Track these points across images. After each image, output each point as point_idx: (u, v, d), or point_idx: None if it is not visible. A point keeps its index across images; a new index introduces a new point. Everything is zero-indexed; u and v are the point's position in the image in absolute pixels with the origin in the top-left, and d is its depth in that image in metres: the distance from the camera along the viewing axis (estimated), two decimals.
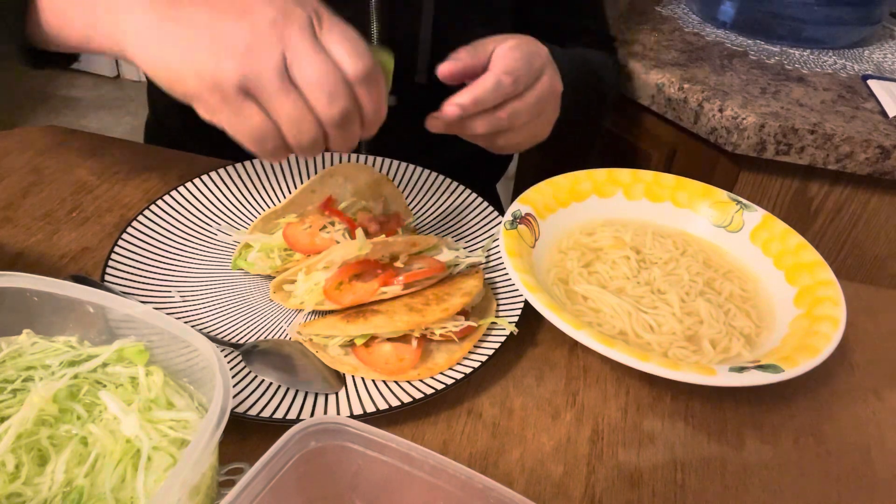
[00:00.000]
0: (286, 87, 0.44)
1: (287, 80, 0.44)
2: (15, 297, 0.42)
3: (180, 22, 0.44)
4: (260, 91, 0.44)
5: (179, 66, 0.44)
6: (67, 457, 0.39)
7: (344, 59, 0.45)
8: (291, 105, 0.45)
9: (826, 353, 0.53)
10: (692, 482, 0.50)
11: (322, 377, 0.52)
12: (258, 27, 0.43)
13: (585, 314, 0.60)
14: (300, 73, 0.44)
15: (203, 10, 0.44)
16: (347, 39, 0.45)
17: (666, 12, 1.29)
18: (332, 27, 0.45)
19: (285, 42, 0.43)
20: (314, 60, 0.44)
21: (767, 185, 1.00)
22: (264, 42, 0.43)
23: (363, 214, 0.64)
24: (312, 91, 0.44)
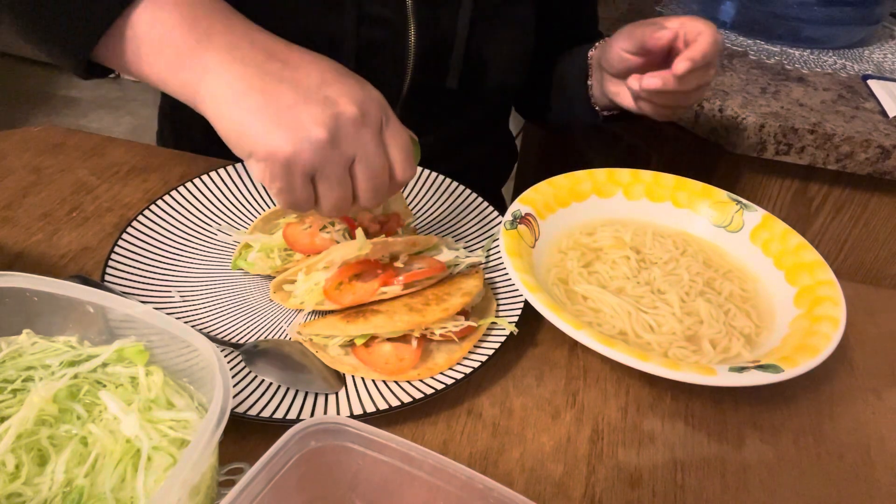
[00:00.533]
0: (346, 181, 0.48)
1: (348, 174, 0.48)
2: (15, 297, 0.42)
3: (267, 95, 0.45)
4: (323, 181, 0.47)
5: (256, 137, 0.45)
6: (67, 457, 0.39)
7: (397, 163, 0.50)
8: (343, 194, 0.49)
9: (826, 353, 0.53)
10: (692, 482, 0.50)
11: (322, 377, 0.52)
12: (342, 123, 0.46)
13: (585, 314, 0.60)
14: (361, 171, 0.48)
15: (289, 90, 0.46)
16: (404, 146, 0.50)
17: (666, 12, 1.29)
18: (395, 132, 0.49)
19: (360, 141, 0.47)
20: (376, 163, 0.48)
21: (767, 185, 1.00)
22: (344, 139, 0.46)
23: (363, 214, 0.64)
24: (365, 185, 0.49)
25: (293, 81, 0.46)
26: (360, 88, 0.47)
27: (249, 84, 0.46)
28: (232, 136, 0.46)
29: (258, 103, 0.45)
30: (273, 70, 0.46)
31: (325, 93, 0.46)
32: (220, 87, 0.46)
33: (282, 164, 0.45)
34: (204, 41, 0.47)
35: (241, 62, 0.46)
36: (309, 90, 0.46)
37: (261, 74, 0.46)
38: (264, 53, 0.47)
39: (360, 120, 0.46)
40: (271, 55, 0.47)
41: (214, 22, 0.48)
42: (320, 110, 0.45)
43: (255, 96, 0.45)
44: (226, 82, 0.46)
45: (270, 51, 0.48)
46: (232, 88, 0.46)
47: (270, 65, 0.46)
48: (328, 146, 0.45)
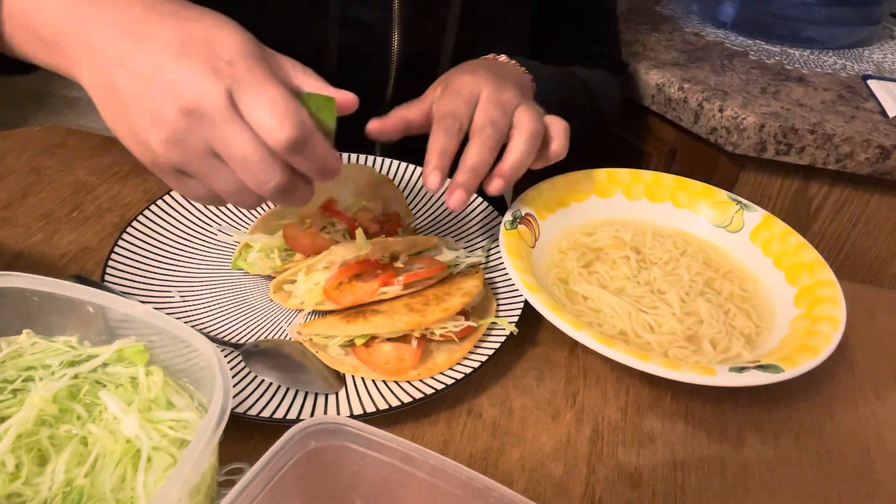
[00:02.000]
0: (216, 168, 0.44)
1: (216, 161, 0.43)
2: (15, 297, 0.42)
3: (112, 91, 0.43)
4: (194, 173, 0.44)
5: (121, 140, 0.45)
6: (67, 457, 0.39)
7: (266, 130, 0.42)
8: (225, 182, 0.44)
9: (826, 353, 0.53)
10: (692, 482, 0.50)
11: (322, 377, 0.52)
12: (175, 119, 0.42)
13: (585, 314, 0.60)
14: (225, 155, 0.43)
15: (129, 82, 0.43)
16: (268, 106, 0.41)
17: (666, 12, 1.29)
18: (252, 93, 0.42)
19: (205, 129, 0.42)
20: (236, 142, 0.42)
21: (767, 185, 1.00)
22: (185, 134, 0.42)
23: (363, 214, 0.64)
24: (241, 172, 0.43)
25: (133, 72, 0.43)
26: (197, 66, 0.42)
27: (104, 80, 0.44)
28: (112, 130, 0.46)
29: (113, 108, 0.44)
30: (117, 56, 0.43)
31: (158, 83, 0.42)
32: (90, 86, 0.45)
33: (150, 166, 0.45)
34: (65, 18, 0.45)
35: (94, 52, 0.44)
36: (148, 79, 0.42)
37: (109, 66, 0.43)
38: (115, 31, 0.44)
39: (194, 110, 0.41)
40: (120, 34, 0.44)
41: None
42: (153, 108, 0.42)
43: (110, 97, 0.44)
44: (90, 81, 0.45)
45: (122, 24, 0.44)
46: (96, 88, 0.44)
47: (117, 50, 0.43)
48: (173, 146, 0.42)
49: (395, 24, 0.72)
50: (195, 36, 0.43)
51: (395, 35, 0.73)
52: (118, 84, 0.43)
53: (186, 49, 0.42)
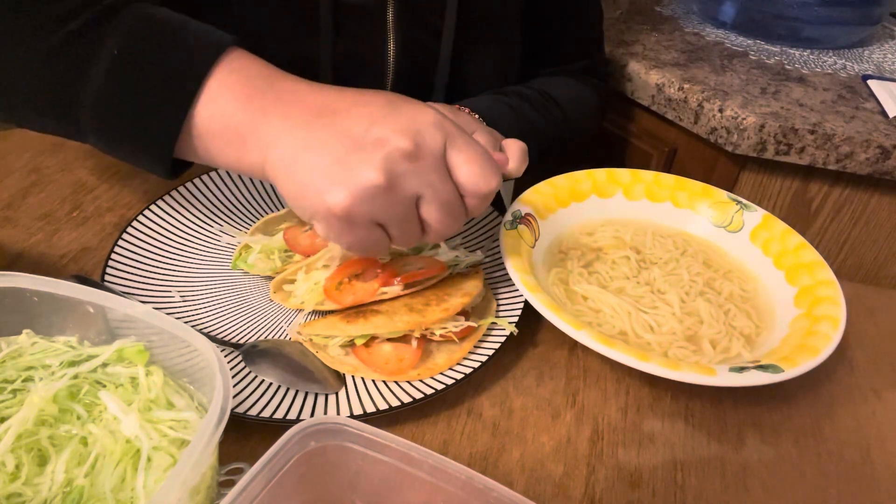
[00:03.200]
0: (411, 218, 0.47)
1: (414, 213, 0.47)
2: (15, 297, 0.42)
3: (318, 152, 0.45)
4: (388, 223, 0.47)
5: (313, 197, 0.45)
6: (67, 457, 0.39)
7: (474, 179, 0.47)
8: (411, 231, 0.48)
9: (826, 353, 0.53)
10: (692, 482, 0.50)
11: (322, 377, 0.52)
12: (393, 162, 0.44)
13: (585, 314, 0.60)
14: (427, 204, 0.46)
15: (339, 142, 0.45)
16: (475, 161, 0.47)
17: (666, 12, 1.29)
18: (462, 148, 0.47)
19: (418, 175, 0.45)
20: (441, 192, 0.46)
21: (767, 185, 1.00)
22: (400, 178, 0.44)
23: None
24: (435, 217, 0.47)
25: (343, 132, 0.45)
26: (410, 118, 0.46)
27: (303, 146, 0.45)
28: (295, 201, 0.46)
29: (310, 164, 0.45)
30: (322, 125, 0.46)
31: (375, 134, 0.44)
32: (280, 158, 0.46)
33: (341, 218, 0.45)
34: (259, 118, 0.47)
35: (293, 128, 0.46)
36: (359, 136, 0.45)
37: (312, 134, 0.45)
38: (314, 110, 0.47)
39: (414, 153, 0.44)
40: (321, 110, 0.47)
41: (266, 94, 0.48)
42: (370, 155, 0.44)
43: (308, 157, 0.45)
44: (282, 152, 0.46)
45: (320, 105, 0.47)
46: (288, 156, 0.46)
47: (320, 121, 0.46)
48: (385, 190, 0.44)
49: (390, 35, 0.72)
50: (398, 102, 0.47)
51: (391, 46, 0.72)
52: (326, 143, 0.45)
53: (395, 109, 0.46)
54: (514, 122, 0.74)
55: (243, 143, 0.48)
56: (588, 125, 0.92)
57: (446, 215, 0.47)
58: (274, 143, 0.47)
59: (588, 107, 0.90)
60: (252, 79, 0.49)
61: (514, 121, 0.75)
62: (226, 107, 0.48)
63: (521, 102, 0.78)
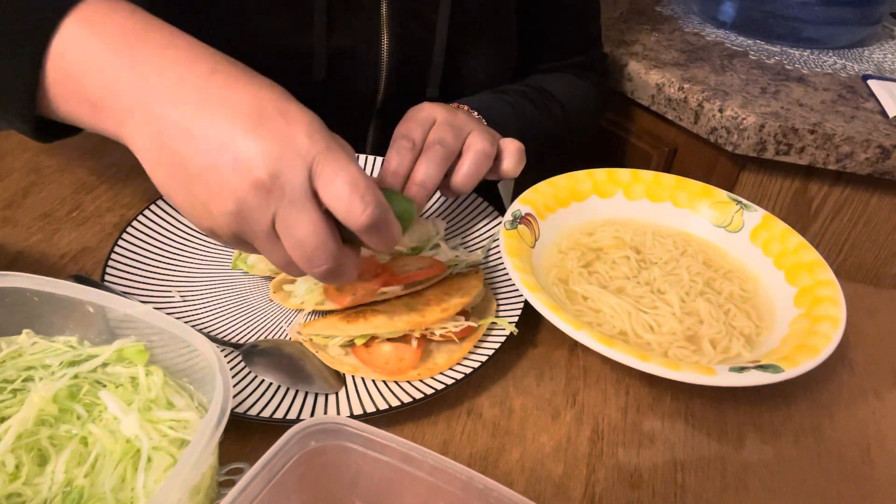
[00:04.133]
0: (273, 246, 0.44)
1: (274, 239, 0.43)
2: (15, 297, 0.42)
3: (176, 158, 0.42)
4: (252, 242, 0.44)
5: (180, 208, 0.45)
6: (67, 457, 0.39)
7: (347, 211, 0.42)
8: (278, 256, 0.44)
9: (826, 353, 0.53)
10: (692, 482, 0.50)
11: (322, 377, 0.52)
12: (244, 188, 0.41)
13: (585, 314, 0.60)
14: (284, 237, 0.43)
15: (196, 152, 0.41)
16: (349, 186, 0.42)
17: (666, 12, 1.29)
18: (331, 175, 0.42)
19: (272, 207, 0.42)
20: (297, 228, 0.42)
21: (767, 185, 1.00)
22: (251, 207, 0.41)
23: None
24: (293, 251, 0.43)
25: (201, 138, 0.41)
26: (274, 139, 0.41)
27: (161, 142, 0.42)
28: (166, 198, 0.45)
29: (171, 170, 0.42)
30: (181, 121, 0.41)
31: (231, 152, 0.41)
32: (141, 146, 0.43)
33: (206, 231, 0.45)
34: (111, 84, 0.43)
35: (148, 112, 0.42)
36: (216, 150, 0.41)
37: (169, 128, 0.42)
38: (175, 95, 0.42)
39: (268, 184, 0.40)
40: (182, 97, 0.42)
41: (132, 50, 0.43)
42: (223, 178, 0.41)
43: (168, 159, 0.42)
44: (142, 141, 0.43)
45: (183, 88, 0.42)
46: (149, 148, 0.43)
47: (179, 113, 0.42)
48: (237, 218, 0.42)
49: (384, 30, 0.72)
50: (267, 108, 0.42)
51: (384, 41, 0.72)
52: (182, 151, 0.41)
53: (263, 121, 0.41)
54: (513, 119, 0.74)
55: (95, 110, 0.44)
56: (588, 121, 0.92)
57: (304, 257, 0.43)
58: (128, 122, 0.43)
59: (588, 102, 0.90)
60: (112, 35, 0.44)
61: (513, 118, 0.74)
62: (76, 66, 0.44)
63: (521, 100, 0.78)
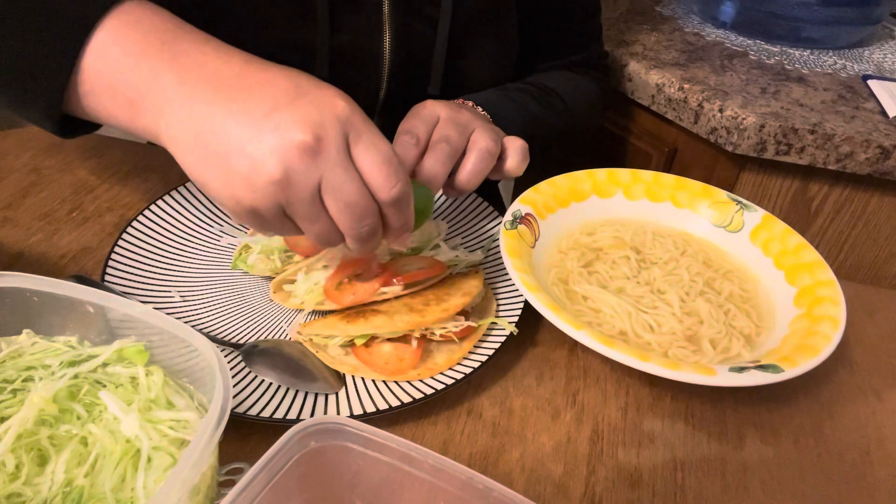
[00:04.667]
0: (317, 213, 0.45)
1: (319, 205, 0.44)
2: (15, 297, 0.42)
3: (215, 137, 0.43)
4: (294, 215, 0.45)
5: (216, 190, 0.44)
6: (67, 457, 0.39)
7: (378, 180, 0.44)
8: (321, 226, 0.46)
9: (826, 353, 0.53)
10: (692, 482, 0.50)
11: (322, 377, 0.52)
12: (291, 157, 0.42)
13: (585, 314, 0.60)
14: (332, 200, 0.44)
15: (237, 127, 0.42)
16: (381, 161, 0.44)
17: (666, 12, 1.29)
18: (367, 147, 0.44)
19: (317, 171, 0.43)
20: (346, 188, 0.44)
21: (767, 185, 1.00)
22: (297, 173, 0.42)
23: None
24: (340, 217, 0.45)
25: (242, 114, 0.42)
26: (315, 107, 0.43)
27: (198, 126, 0.43)
28: (200, 185, 0.45)
29: (208, 151, 0.43)
30: (220, 102, 0.43)
31: (274, 121, 0.42)
32: (176, 135, 0.44)
33: (247, 211, 0.44)
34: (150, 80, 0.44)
35: (188, 98, 0.44)
36: (258, 122, 0.42)
37: (208, 111, 0.43)
38: (214, 81, 0.44)
39: (313, 147, 0.42)
40: (221, 82, 0.44)
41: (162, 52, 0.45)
42: (268, 147, 0.42)
43: (205, 142, 0.43)
44: (178, 130, 0.44)
45: (222, 76, 0.44)
46: (185, 136, 0.44)
47: (219, 97, 0.43)
48: (283, 186, 0.42)
49: (386, 26, 0.72)
50: (305, 85, 0.44)
51: (387, 37, 0.72)
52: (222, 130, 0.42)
53: (301, 94, 0.43)
54: (517, 116, 0.74)
55: (133, 106, 0.45)
56: (591, 117, 0.91)
57: (351, 215, 0.45)
58: (167, 113, 0.44)
59: (590, 98, 0.89)
60: (149, 33, 0.45)
61: (517, 115, 0.74)
62: (115, 63, 0.45)
63: (524, 97, 0.78)
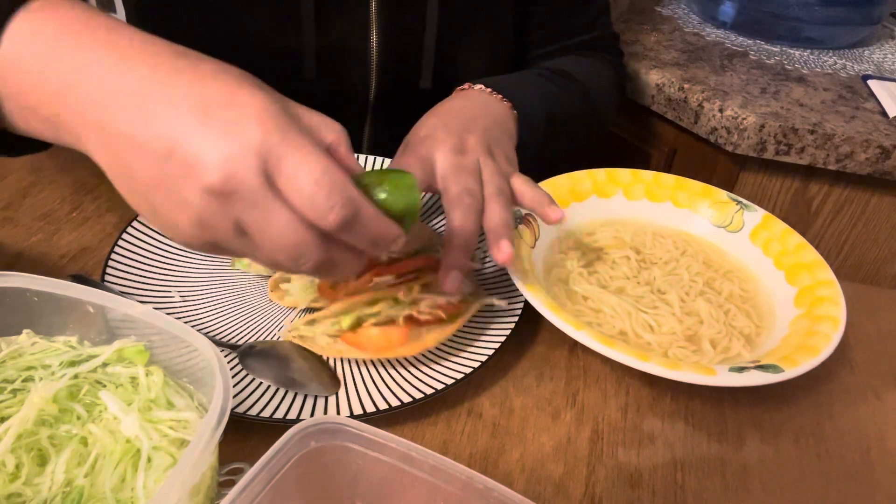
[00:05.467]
0: (250, 244, 0.40)
1: (249, 242, 0.39)
2: (15, 297, 0.42)
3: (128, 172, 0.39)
4: (228, 250, 0.41)
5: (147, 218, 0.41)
6: (67, 457, 0.39)
7: (311, 210, 0.38)
8: (262, 256, 0.41)
9: (826, 353, 0.53)
10: (692, 482, 0.50)
11: (318, 380, 0.52)
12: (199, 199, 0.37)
13: (585, 314, 0.60)
14: (258, 238, 0.39)
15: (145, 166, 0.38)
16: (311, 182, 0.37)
17: (666, 12, 1.29)
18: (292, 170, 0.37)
19: (234, 211, 0.38)
20: (269, 229, 0.38)
21: (767, 185, 1.00)
22: (212, 215, 0.38)
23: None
24: (275, 255, 0.40)
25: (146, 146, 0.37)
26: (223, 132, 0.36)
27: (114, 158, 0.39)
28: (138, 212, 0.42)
29: (129, 187, 0.40)
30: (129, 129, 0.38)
31: (179, 158, 0.37)
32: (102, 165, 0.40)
33: (180, 244, 0.41)
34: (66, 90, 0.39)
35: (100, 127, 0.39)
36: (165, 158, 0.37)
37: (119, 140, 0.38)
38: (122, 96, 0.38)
39: (221, 190, 0.36)
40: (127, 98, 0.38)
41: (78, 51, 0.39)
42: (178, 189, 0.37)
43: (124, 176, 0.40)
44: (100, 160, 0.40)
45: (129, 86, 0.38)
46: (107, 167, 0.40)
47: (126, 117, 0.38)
48: (203, 227, 0.38)
49: (373, 24, 0.71)
50: (213, 99, 0.37)
51: (374, 34, 0.71)
52: (133, 167, 0.38)
53: (206, 115, 0.37)
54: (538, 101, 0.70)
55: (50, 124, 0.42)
56: (610, 101, 0.87)
57: (288, 258, 0.39)
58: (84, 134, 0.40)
59: (607, 81, 0.85)
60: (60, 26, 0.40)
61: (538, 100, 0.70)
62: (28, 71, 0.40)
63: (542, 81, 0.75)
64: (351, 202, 0.38)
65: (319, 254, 0.40)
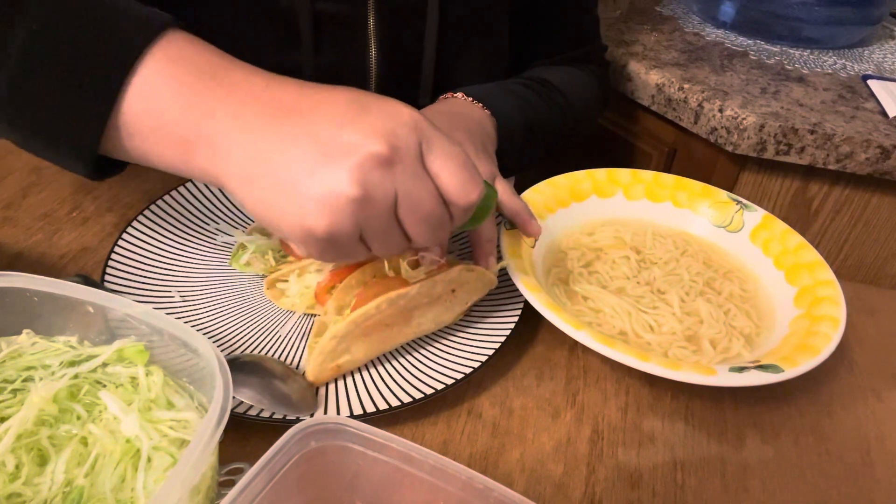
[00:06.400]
0: (392, 227, 0.43)
1: (394, 220, 0.43)
2: (15, 297, 0.42)
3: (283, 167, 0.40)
4: (368, 232, 0.43)
5: (288, 220, 0.41)
6: (67, 457, 0.39)
7: (450, 188, 0.43)
8: (394, 243, 0.44)
9: (826, 353, 0.53)
10: (692, 482, 0.50)
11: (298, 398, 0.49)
12: (368, 171, 0.40)
13: (585, 314, 0.60)
14: (408, 212, 0.42)
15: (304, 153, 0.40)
16: (455, 167, 0.43)
17: (666, 12, 1.29)
18: (441, 152, 0.42)
19: (394, 182, 0.41)
20: (421, 199, 0.42)
21: (767, 185, 1.00)
22: (376, 188, 0.40)
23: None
24: (415, 228, 0.43)
25: (307, 137, 0.40)
26: (382, 117, 0.41)
27: (263, 157, 0.41)
28: (266, 221, 0.42)
29: (276, 179, 0.40)
30: (282, 129, 0.41)
31: (344, 139, 0.40)
32: (237, 172, 0.42)
33: (323, 240, 0.41)
34: (204, 118, 0.42)
35: (247, 132, 0.41)
36: (326, 142, 0.40)
37: (270, 140, 0.41)
38: (271, 110, 0.42)
39: (389, 157, 0.40)
40: (279, 109, 0.42)
41: (213, 88, 0.42)
42: (342, 166, 0.39)
43: (272, 171, 0.40)
44: (238, 165, 0.41)
45: (279, 103, 0.42)
46: (246, 170, 0.41)
47: (279, 124, 0.41)
48: (362, 203, 0.40)
49: (372, 42, 0.71)
50: (365, 98, 0.42)
51: (373, 52, 0.71)
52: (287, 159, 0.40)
53: (365, 108, 0.41)
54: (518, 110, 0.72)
55: (187, 147, 0.43)
56: (591, 112, 0.89)
57: (428, 227, 0.43)
58: (225, 150, 0.42)
59: (589, 93, 0.87)
60: (195, 68, 0.43)
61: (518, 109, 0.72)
62: (162, 103, 0.42)
63: (524, 90, 0.77)
64: (483, 188, 0.45)
65: (446, 228, 0.45)
